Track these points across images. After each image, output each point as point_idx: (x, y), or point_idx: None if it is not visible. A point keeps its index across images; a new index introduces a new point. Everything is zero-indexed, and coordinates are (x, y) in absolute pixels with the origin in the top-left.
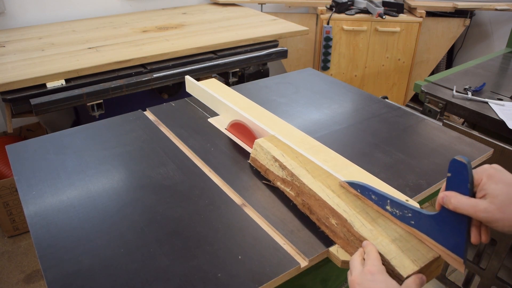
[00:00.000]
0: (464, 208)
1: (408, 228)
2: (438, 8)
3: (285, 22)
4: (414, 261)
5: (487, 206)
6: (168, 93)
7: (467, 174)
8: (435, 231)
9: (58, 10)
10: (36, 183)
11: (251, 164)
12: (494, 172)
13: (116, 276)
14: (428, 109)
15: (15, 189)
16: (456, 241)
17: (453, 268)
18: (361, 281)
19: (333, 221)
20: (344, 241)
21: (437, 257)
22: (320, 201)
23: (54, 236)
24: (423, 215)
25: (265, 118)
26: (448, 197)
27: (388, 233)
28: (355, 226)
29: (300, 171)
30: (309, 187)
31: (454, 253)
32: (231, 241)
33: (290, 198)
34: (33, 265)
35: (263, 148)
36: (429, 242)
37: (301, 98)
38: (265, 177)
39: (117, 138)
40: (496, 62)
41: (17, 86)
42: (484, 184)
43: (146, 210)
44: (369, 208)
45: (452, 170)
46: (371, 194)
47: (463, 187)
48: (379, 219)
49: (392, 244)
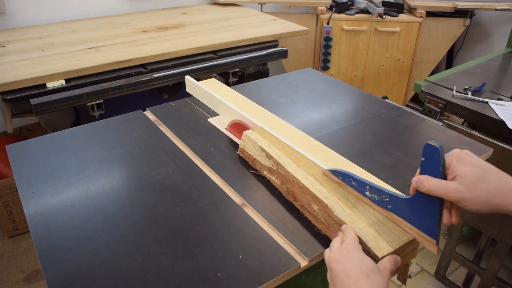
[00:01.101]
0: (436, 190)
1: (386, 212)
2: (438, 8)
3: (285, 22)
4: (389, 243)
5: (456, 186)
6: (168, 93)
7: (439, 158)
8: (410, 214)
9: (58, 10)
10: (36, 183)
11: (239, 155)
12: (463, 155)
13: (116, 276)
14: (428, 109)
15: (15, 189)
16: (429, 223)
17: (453, 268)
18: (338, 257)
19: (315, 207)
20: (325, 226)
21: (412, 240)
22: (303, 188)
23: (54, 236)
24: (399, 199)
25: (265, 118)
26: (421, 180)
27: (366, 217)
28: (335, 211)
29: (285, 161)
30: (293, 175)
31: (427, 234)
32: (231, 240)
33: (275, 186)
34: (33, 265)
35: (251, 139)
36: (404, 225)
37: (301, 98)
38: (253, 167)
39: (117, 138)
40: (496, 62)
41: (17, 86)
42: (454, 167)
43: (146, 210)
44: (349, 194)
45: (426, 155)
46: (352, 180)
47: (435, 171)
48: (359, 204)
49: (370, 227)
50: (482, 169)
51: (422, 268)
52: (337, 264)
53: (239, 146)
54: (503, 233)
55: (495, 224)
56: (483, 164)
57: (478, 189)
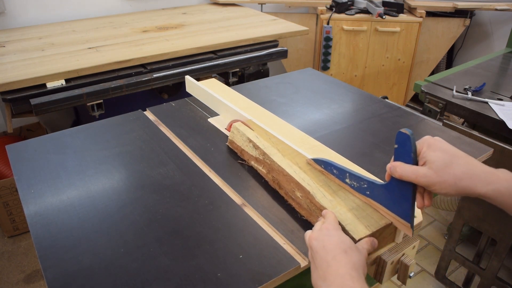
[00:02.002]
0: (407, 175)
1: (365, 198)
2: (438, 8)
3: (285, 22)
4: (367, 227)
5: (426, 171)
6: (168, 93)
7: (410, 145)
8: (386, 199)
9: (58, 10)
10: (36, 183)
11: (228, 146)
12: (433, 141)
13: (116, 276)
14: (428, 109)
15: (15, 189)
16: (403, 207)
17: (453, 268)
18: (317, 236)
19: (298, 194)
20: (307, 212)
21: (389, 224)
22: (288, 177)
23: (54, 236)
24: (376, 185)
25: (265, 118)
26: (394, 166)
27: (346, 203)
28: (316, 197)
29: (271, 151)
30: (278, 164)
31: (402, 218)
32: (231, 240)
33: (261, 175)
34: (33, 265)
35: (240, 130)
36: (382, 210)
37: (301, 98)
38: (241, 157)
39: (117, 138)
40: (496, 62)
41: (17, 86)
42: (424, 153)
43: (146, 210)
44: (331, 182)
45: (398, 142)
46: (333, 168)
47: (407, 157)
48: (340, 191)
49: (349, 212)
50: (450, 154)
51: (422, 268)
52: (317, 242)
53: (228, 137)
54: (503, 233)
55: (495, 224)
56: (452, 150)
57: (446, 173)
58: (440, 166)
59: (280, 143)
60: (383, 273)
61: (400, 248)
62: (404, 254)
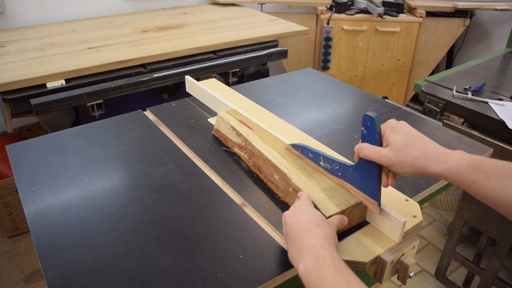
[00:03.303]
0: (371, 156)
1: (337, 179)
2: (438, 8)
3: (285, 22)
4: (337, 205)
5: (387, 152)
6: (168, 93)
7: (375, 127)
8: (355, 179)
9: (58, 10)
10: (36, 183)
11: (214, 134)
12: (396, 124)
13: (116, 276)
14: (428, 109)
15: (15, 189)
16: (370, 186)
17: (453, 268)
18: (291, 213)
19: (276, 176)
20: (284, 193)
21: (358, 203)
22: (267, 161)
23: (54, 236)
24: (347, 166)
25: (265, 118)
26: (360, 147)
27: (320, 184)
28: (292, 179)
29: (253, 137)
30: (259, 150)
31: (370, 197)
32: (231, 240)
33: (243, 160)
34: (33, 265)
35: (224, 119)
36: (353, 190)
37: (301, 98)
38: (225, 145)
39: (117, 138)
40: (496, 62)
41: (17, 86)
42: (387, 135)
43: (146, 209)
44: (307, 165)
45: (365, 125)
46: (309, 152)
47: (373, 139)
48: (315, 173)
49: (322, 192)
50: (410, 137)
51: (422, 268)
52: (290, 218)
53: (214, 126)
54: (503, 233)
55: (495, 224)
56: (412, 132)
57: (405, 154)
58: (400, 147)
59: (261, 130)
60: (383, 273)
61: (400, 248)
62: (404, 254)
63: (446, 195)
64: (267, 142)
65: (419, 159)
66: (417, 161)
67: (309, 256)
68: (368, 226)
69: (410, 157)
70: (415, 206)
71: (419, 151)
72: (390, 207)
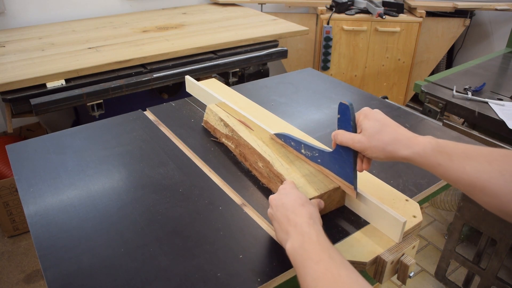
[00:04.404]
0: (346, 141)
1: (317, 166)
2: (438, 8)
3: (285, 22)
4: (316, 190)
5: (360, 138)
6: (168, 93)
7: (349, 114)
8: (333, 165)
9: (58, 10)
10: (36, 183)
11: (203, 126)
12: (369, 112)
13: (116, 276)
14: (428, 109)
15: (15, 189)
16: (347, 171)
17: (453, 268)
18: (276, 196)
19: (260, 164)
20: (267, 179)
21: (336, 187)
22: (252, 150)
23: (54, 236)
24: (325, 153)
25: (265, 118)
26: (336, 134)
27: (301, 170)
28: (275, 165)
29: (239, 128)
30: (245, 139)
31: (347, 181)
32: (231, 240)
33: (231, 150)
34: (33, 265)
35: (213, 111)
36: (331, 176)
37: (301, 98)
38: (214, 136)
39: (117, 138)
40: (496, 62)
41: (17, 86)
42: (361, 121)
43: (146, 209)
44: (290, 153)
45: (340, 112)
46: (291, 141)
47: (348, 125)
48: (297, 161)
49: (302, 178)
50: (382, 123)
51: (422, 268)
52: (276, 201)
53: (203, 118)
54: (503, 233)
55: (495, 224)
56: (384, 119)
57: (376, 139)
58: (371, 133)
59: (248, 121)
60: (383, 273)
61: (400, 248)
62: (404, 254)
63: (446, 195)
64: (253, 132)
65: (389, 144)
66: (387, 146)
67: (295, 235)
68: (368, 226)
69: (381, 142)
70: (415, 206)
71: (389, 137)
72: (390, 207)
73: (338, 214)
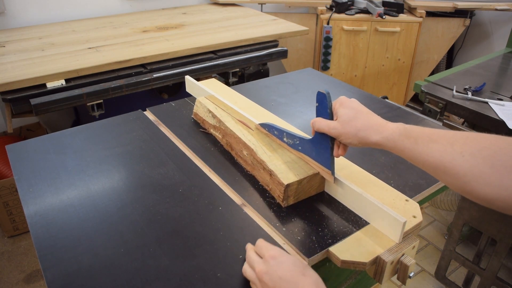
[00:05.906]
0: (322, 128)
1: (298, 153)
2: (438, 8)
3: (285, 22)
4: (296, 175)
5: (335, 124)
6: (168, 93)
7: (326, 102)
8: (312, 152)
9: (58, 10)
10: (36, 183)
11: (193, 117)
12: (345, 100)
13: (116, 276)
14: (428, 109)
15: (15, 189)
16: (324, 157)
17: (453, 268)
18: (267, 269)
19: (245, 152)
20: (251, 167)
21: (316, 173)
22: (237, 139)
23: (54, 236)
24: (305, 140)
25: (265, 118)
26: (314, 121)
27: (283, 158)
28: (258, 153)
29: (226, 119)
30: (231, 129)
31: (325, 167)
32: (231, 240)
33: (218, 140)
34: (33, 265)
35: (202, 103)
36: (311, 163)
37: (301, 98)
38: (203, 127)
39: (117, 138)
40: (496, 62)
41: (17, 86)
42: (336, 109)
43: (146, 210)
44: (273, 142)
45: (318, 100)
46: (274, 130)
47: (325, 113)
48: (279, 149)
49: (284, 164)
50: (355, 111)
51: (422, 268)
52: (269, 276)
53: (193, 110)
54: (503, 233)
55: (495, 224)
56: (358, 107)
57: (349, 125)
58: (345, 120)
59: (235, 113)
60: (383, 273)
61: (400, 248)
62: (404, 254)
63: (446, 195)
64: (239, 123)
65: (361, 130)
66: (359, 132)
67: None
68: (368, 226)
69: (354, 128)
70: (415, 206)
71: (362, 123)
72: (390, 207)
73: (338, 214)
